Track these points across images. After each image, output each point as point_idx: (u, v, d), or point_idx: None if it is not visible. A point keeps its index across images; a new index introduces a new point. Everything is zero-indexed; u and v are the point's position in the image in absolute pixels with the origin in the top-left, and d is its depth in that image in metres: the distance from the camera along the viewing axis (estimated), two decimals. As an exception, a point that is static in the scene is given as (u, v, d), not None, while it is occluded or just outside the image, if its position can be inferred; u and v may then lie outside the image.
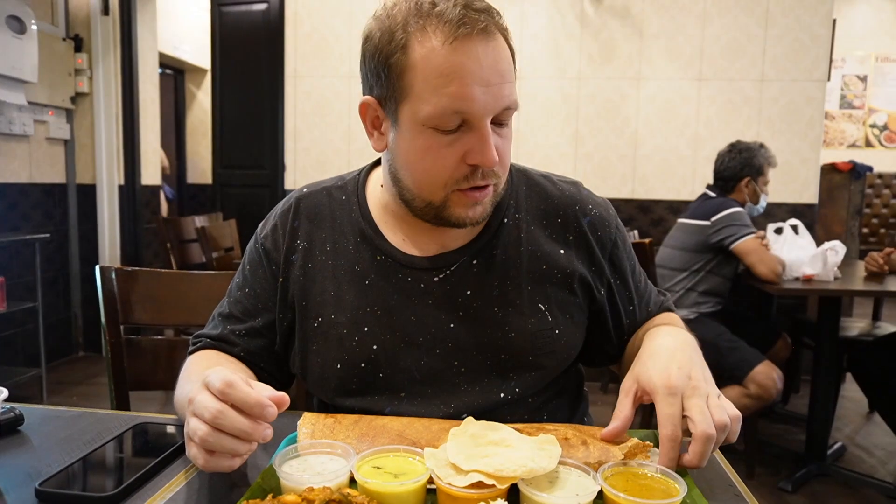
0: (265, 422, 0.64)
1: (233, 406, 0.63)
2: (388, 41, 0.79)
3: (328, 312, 0.91)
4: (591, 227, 0.94)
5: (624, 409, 0.75)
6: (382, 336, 0.89)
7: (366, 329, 0.89)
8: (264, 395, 0.65)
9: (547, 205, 0.94)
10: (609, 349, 1.01)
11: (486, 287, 0.89)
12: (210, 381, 0.64)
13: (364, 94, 0.86)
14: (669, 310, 1.03)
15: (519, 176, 0.97)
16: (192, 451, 0.64)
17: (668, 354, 0.77)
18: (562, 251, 0.92)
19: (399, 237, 0.91)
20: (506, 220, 0.92)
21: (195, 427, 0.63)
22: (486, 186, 0.83)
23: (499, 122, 0.81)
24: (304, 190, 0.99)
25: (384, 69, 0.80)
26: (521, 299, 0.89)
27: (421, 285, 0.89)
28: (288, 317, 0.94)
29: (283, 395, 0.66)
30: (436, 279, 0.89)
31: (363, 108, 0.86)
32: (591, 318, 0.97)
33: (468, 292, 0.89)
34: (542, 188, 0.96)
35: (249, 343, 0.94)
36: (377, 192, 0.94)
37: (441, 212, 0.84)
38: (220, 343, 0.95)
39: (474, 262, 0.90)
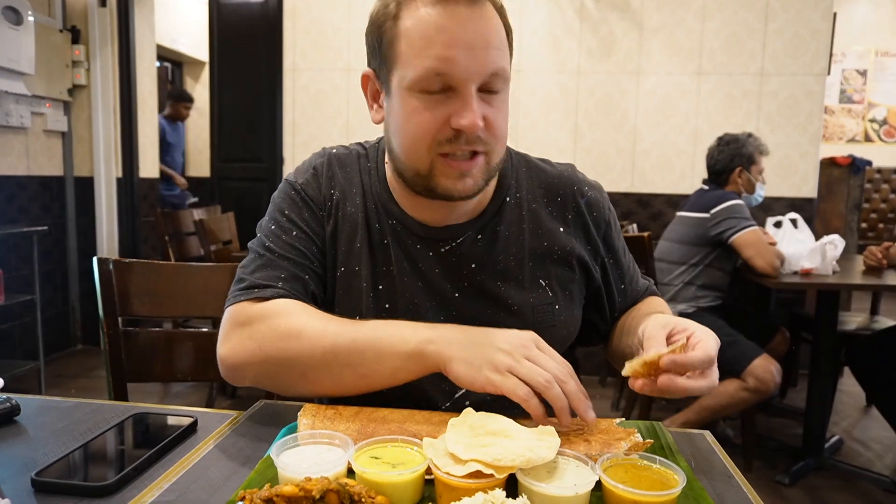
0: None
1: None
2: (382, 12, 0.82)
3: (352, 264, 0.92)
4: (588, 207, 0.97)
5: (660, 340, 0.76)
6: (394, 296, 0.92)
7: (380, 287, 0.92)
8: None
9: (547, 185, 0.97)
10: (602, 327, 1.05)
11: (489, 261, 0.92)
12: (550, 359, 0.73)
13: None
14: (655, 294, 1.08)
15: (519, 158, 1.00)
16: (509, 383, 0.70)
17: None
18: (561, 229, 0.96)
19: (408, 209, 0.93)
20: (508, 199, 0.95)
21: (538, 374, 0.70)
22: (473, 157, 0.83)
23: (488, 90, 0.81)
24: (333, 150, 0.99)
25: (378, 39, 0.83)
26: (522, 275, 0.93)
27: (429, 254, 0.92)
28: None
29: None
30: (442, 250, 0.92)
31: (364, 81, 0.90)
32: (590, 297, 1.01)
33: (472, 265, 0.92)
34: (541, 169, 0.99)
35: (315, 287, 0.90)
36: (389, 168, 0.96)
37: (428, 181, 0.84)
38: (295, 286, 0.87)
39: (479, 236, 0.93)
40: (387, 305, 0.92)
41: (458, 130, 0.80)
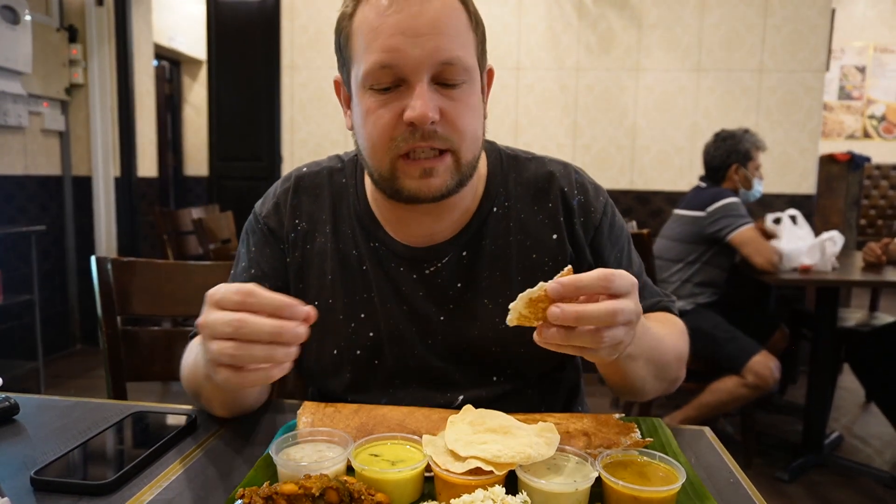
0: (295, 321, 0.61)
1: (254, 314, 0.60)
2: (342, 13, 0.80)
3: (325, 296, 0.90)
4: (579, 210, 0.91)
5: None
6: (378, 324, 0.89)
7: (362, 316, 0.89)
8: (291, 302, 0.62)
9: (537, 187, 0.91)
10: None
11: (476, 279, 0.88)
12: (222, 297, 0.61)
13: None
14: (668, 310, 0.95)
15: (509, 162, 0.93)
16: (222, 374, 0.62)
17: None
18: (554, 236, 0.90)
19: (392, 226, 0.90)
20: (495, 209, 0.90)
21: (219, 348, 0.60)
22: (440, 155, 0.78)
23: (445, 82, 0.76)
24: (304, 169, 0.97)
25: (338, 41, 0.81)
26: (511, 290, 0.87)
27: (413, 276, 0.89)
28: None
29: (309, 308, 0.63)
30: (427, 272, 0.88)
31: (336, 87, 0.88)
32: None
33: (458, 285, 0.88)
34: (532, 171, 0.92)
35: None
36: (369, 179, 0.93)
37: (393, 183, 0.80)
38: None
39: (464, 253, 0.89)
40: (371, 334, 0.89)
41: (413, 125, 0.75)
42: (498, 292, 0.88)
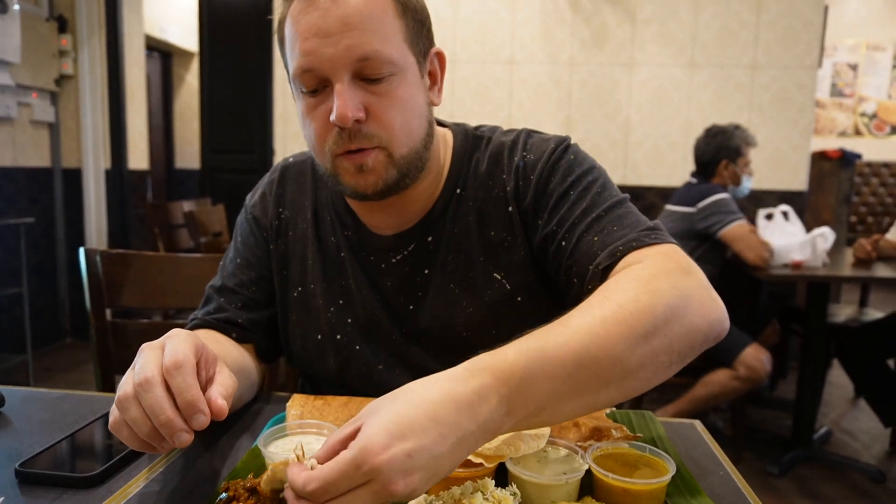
0: (189, 427, 0.56)
1: (168, 389, 0.56)
2: (277, 21, 0.79)
3: (308, 282, 0.92)
4: (524, 170, 0.86)
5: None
6: (355, 310, 0.90)
7: (340, 302, 0.90)
8: (213, 395, 0.59)
9: (490, 162, 0.88)
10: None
11: (441, 264, 0.88)
12: (166, 351, 0.58)
13: None
14: (632, 249, 0.72)
15: (474, 143, 0.91)
16: (113, 405, 0.58)
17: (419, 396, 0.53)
18: (509, 208, 0.86)
19: (363, 215, 0.90)
20: (458, 191, 0.88)
21: (125, 381, 0.57)
22: (367, 150, 0.76)
23: (367, 77, 0.74)
24: (290, 160, 0.99)
25: (279, 46, 0.81)
26: (474, 272, 0.86)
27: (382, 266, 0.89)
28: (275, 285, 0.95)
29: (224, 406, 0.59)
30: (394, 260, 0.89)
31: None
32: (563, 271, 0.81)
33: (426, 271, 0.88)
34: (490, 147, 0.89)
35: (247, 315, 0.92)
36: None
37: (337, 181, 0.80)
38: (215, 318, 0.91)
39: (429, 239, 0.88)
40: (349, 320, 0.89)
41: (341, 126, 0.74)
42: (463, 276, 0.87)
